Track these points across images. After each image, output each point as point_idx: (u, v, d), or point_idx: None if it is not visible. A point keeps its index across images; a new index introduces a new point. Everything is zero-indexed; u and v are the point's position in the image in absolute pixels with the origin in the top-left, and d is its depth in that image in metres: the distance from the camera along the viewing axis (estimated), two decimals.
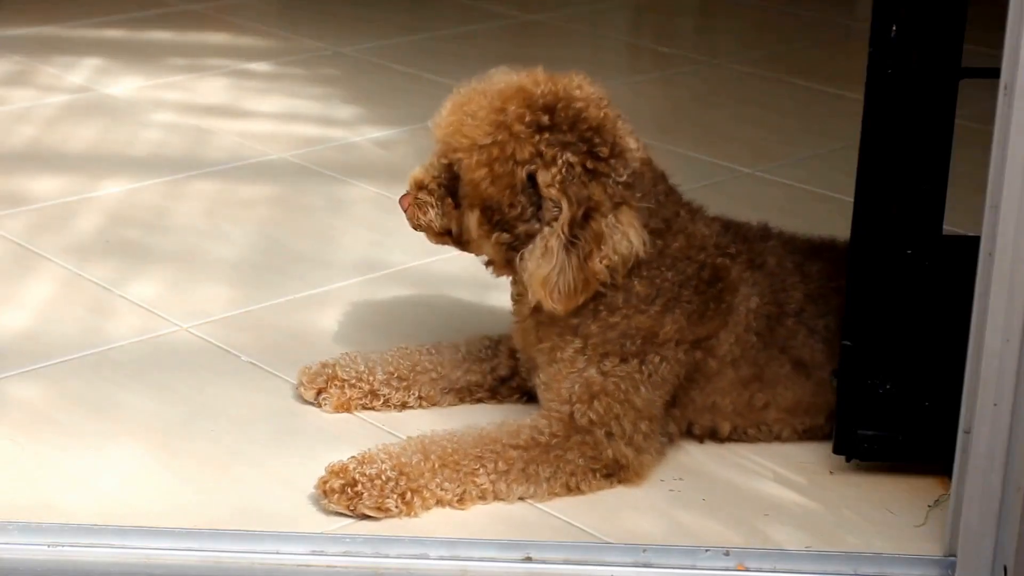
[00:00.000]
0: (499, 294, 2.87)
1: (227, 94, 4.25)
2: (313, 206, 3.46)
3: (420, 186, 2.42)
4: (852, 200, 2.27)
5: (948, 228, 2.36)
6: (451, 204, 2.40)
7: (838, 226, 2.54)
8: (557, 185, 2.28)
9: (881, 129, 2.22)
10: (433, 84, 4.30)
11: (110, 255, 3.16)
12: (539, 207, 2.31)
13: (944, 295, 2.29)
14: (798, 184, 3.64)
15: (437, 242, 2.48)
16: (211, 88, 4.30)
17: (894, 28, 2.17)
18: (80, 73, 4.39)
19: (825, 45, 4.98)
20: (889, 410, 2.33)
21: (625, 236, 2.29)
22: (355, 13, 5.12)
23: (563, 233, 2.28)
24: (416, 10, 5.18)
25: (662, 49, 4.90)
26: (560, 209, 2.28)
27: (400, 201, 2.45)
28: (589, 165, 2.29)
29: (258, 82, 4.38)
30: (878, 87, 2.20)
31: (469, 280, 3.04)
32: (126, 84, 4.30)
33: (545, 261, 2.29)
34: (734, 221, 2.50)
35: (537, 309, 2.40)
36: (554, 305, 2.31)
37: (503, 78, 2.38)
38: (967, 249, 2.14)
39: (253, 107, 4.15)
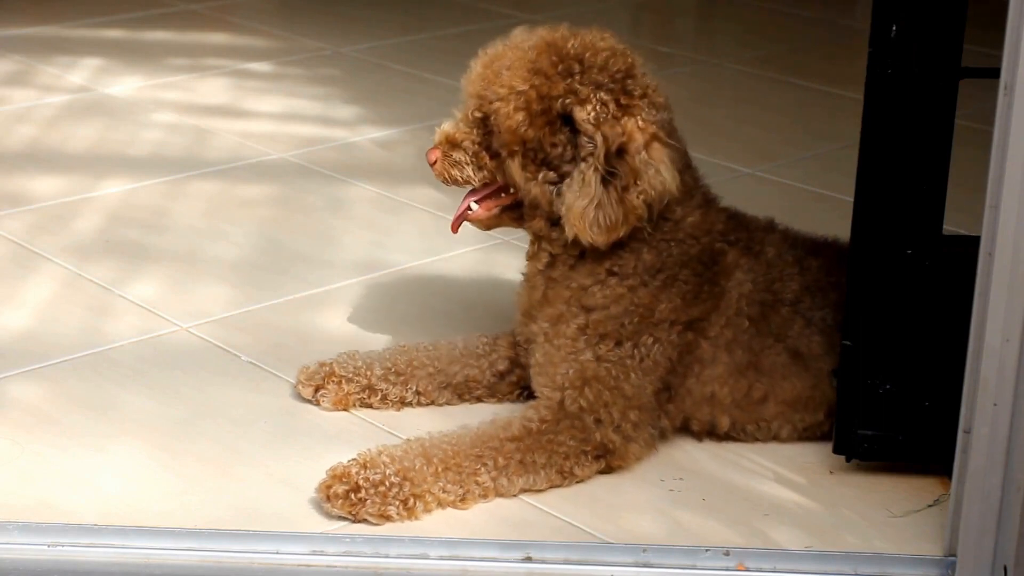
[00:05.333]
0: (498, 294, 2.88)
1: (227, 94, 4.25)
2: (313, 206, 3.46)
3: (452, 143, 2.45)
4: (852, 200, 2.27)
5: (948, 228, 2.36)
6: (486, 157, 2.43)
7: (838, 226, 2.54)
8: (592, 120, 2.33)
9: (881, 129, 2.22)
10: (433, 84, 4.30)
11: (110, 255, 3.16)
12: (576, 146, 2.36)
13: (944, 295, 2.29)
14: (798, 184, 3.64)
15: (491, 225, 2.50)
16: (211, 88, 4.30)
17: (894, 28, 2.17)
18: (80, 73, 4.39)
19: (825, 45, 4.98)
20: (889, 410, 2.33)
21: (658, 172, 2.33)
22: (355, 13, 5.13)
23: (600, 165, 2.32)
24: (416, 10, 5.18)
25: (662, 49, 4.90)
26: (595, 144, 2.33)
27: (427, 155, 2.48)
28: (623, 101, 2.35)
29: (258, 82, 4.38)
30: (878, 87, 2.20)
31: (469, 280, 3.04)
32: (126, 84, 4.31)
33: (583, 193, 2.33)
34: (741, 213, 2.52)
35: (551, 264, 2.44)
36: (593, 238, 2.34)
37: (529, 35, 2.44)
38: (967, 249, 2.14)
39: (253, 107, 4.15)
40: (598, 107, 2.34)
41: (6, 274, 3.06)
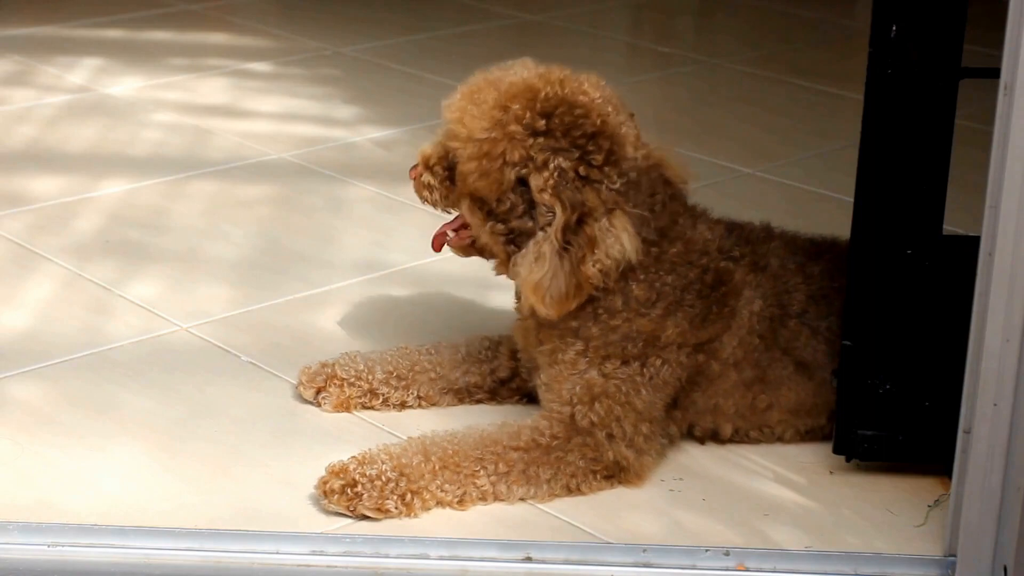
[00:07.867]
0: (499, 294, 2.88)
1: (227, 94, 4.25)
2: (313, 206, 3.46)
3: (427, 164, 2.45)
4: (852, 200, 2.27)
5: (948, 228, 2.36)
6: (449, 188, 2.42)
7: (838, 226, 2.54)
8: (550, 190, 2.29)
9: (881, 129, 2.22)
10: (433, 84, 4.30)
11: (110, 255, 3.16)
12: (532, 206, 2.32)
13: (944, 295, 2.29)
14: (798, 184, 3.64)
15: (468, 254, 2.50)
16: (211, 88, 4.30)
17: (894, 28, 2.17)
18: (80, 73, 4.39)
19: (825, 45, 4.98)
20: (889, 410, 2.33)
21: (618, 240, 2.29)
22: (355, 13, 5.13)
23: (556, 239, 2.28)
24: (416, 10, 5.18)
25: (662, 49, 4.90)
26: (553, 214, 2.29)
27: (410, 172, 2.49)
28: (582, 171, 2.30)
29: (258, 82, 4.38)
30: (878, 87, 2.20)
31: (469, 280, 3.04)
32: (126, 84, 4.31)
33: (538, 267, 2.30)
34: (738, 223, 2.50)
35: (534, 311, 2.40)
36: (547, 310, 2.32)
37: (520, 71, 2.38)
38: (967, 249, 2.14)
39: (253, 107, 4.15)
40: (556, 175, 2.29)
41: (6, 274, 3.06)
